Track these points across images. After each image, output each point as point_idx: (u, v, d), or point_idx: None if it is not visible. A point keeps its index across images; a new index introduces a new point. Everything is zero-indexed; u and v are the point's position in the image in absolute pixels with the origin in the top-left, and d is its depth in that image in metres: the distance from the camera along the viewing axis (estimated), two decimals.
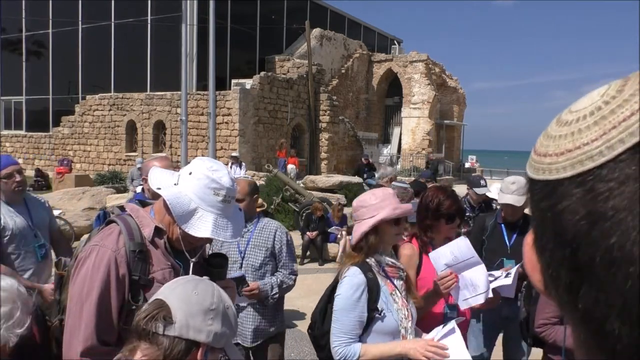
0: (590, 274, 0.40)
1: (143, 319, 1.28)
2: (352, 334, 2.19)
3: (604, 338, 0.40)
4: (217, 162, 1.82)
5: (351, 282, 2.22)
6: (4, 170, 3.21)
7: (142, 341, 1.27)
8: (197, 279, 1.42)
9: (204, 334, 1.27)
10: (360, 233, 2.26)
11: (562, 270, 0.43)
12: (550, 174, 0.44)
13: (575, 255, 0.41)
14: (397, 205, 2.28)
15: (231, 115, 18.87)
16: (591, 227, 0.39)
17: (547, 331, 2.58)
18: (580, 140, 0.42)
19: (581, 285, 0.41)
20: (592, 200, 0.40)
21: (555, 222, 0.42)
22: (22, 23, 25.08)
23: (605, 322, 0.39)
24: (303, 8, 25.40)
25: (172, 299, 1.29)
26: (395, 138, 28.02)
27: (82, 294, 1.65)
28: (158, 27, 21.23)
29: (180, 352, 1.25)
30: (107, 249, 1.70)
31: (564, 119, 0.45)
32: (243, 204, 3.20)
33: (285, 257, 3.26)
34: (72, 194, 12.57)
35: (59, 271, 1.90)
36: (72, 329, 1.65)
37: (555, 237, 0.43)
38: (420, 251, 2.74)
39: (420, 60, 26.80)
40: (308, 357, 5.03)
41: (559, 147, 0.44)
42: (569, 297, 0.42)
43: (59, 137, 23.32)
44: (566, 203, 0.41)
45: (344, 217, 9.92)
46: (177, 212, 1.68)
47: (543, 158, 0.45)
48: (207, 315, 1.29)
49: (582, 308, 0.41)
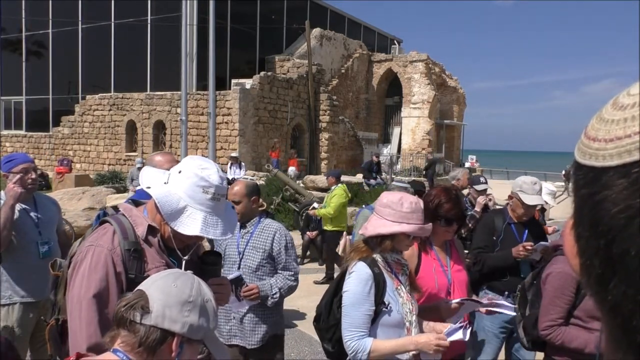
0: (621, 267, 0.39)
1: (123, 307, 1.33)
2: (362, 328, 2.23)
3: (631, 333, 0.39)
4: (208, 160, 1.82)
5: (359, 277, 2.25)
6: (21, 166, 3.27)
7: (121, 329, 1.33)
8: (179, 272, 1.48)
9: (179, 324, 1.32)
10: (377, 232, 2.28)
11: (595, 260, 0.41)
12: (596, 160, 0.41)
13: (609, 247, 0.39)
14: (422, 225, 2.30)
15: (231, 115, 18.87)
16: (629, 221, 0.38)
17: (553, 333, 2.54)
18: (632, 129, 0.39)
19: (612, 278, 0.40)
20: (634, 193, 0.38)
21: (594, 211, 0.41)
22: (22, 23, 25.08)
23: (632, 317, 0.39)
24: (303, 8, 25.40)
25: (151, 290, 1.35)
26: (395, 138, 28.02)
27: (81, 294, 1.66)
28: (158, 27, 21.22)
29: (155, 340, 1.30)
30: (103, 248, 1.70)
31: (621, 102, 0.42)
32: (240, 206, 3.18)
33: (285, 258, 3.23)
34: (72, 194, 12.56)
35: (54, 272, 1.89)
36: (75, 330, 1.66)
37: (591, 226, 0.41)
38: (419, 251, 2.73)
39: (420, 60, 26.80)
40: (308, 357, 5.02)
41: (609, 133, 0.41)
42: (599, 287, 0.41)
43: (59, 137, 23.33)
44: (607, 193, 0.40)
45: None
46: (165, 210, 1.68)
47: (592, 142, 0.42)
48: (184, 307, 1.33)
49: (610, 300, 0.40)
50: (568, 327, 2.53)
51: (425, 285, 2.64)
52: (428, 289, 2.65)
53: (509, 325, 3.62)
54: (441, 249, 2.81)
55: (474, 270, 3.71)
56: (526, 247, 3.38)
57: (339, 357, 2.37)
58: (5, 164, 3.30)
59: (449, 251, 2.84)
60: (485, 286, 3.71)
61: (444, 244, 2.83)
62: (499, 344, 3.70)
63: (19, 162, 3.29)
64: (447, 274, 2.75)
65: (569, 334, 2.51)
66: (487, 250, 3.65)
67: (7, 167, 3.27)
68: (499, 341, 3.69)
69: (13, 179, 3.22)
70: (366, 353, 2.19)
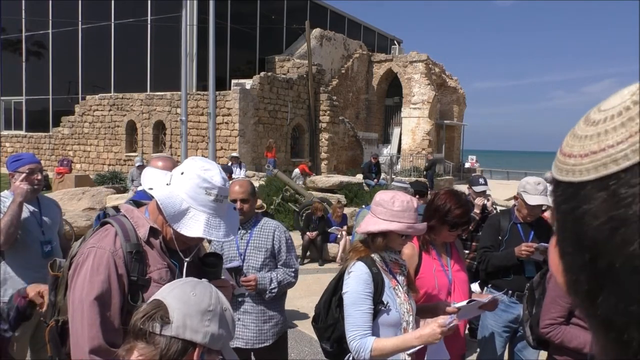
0: (609, 281, 0.39)
1: (140, 318, 1.28)
2: (365, 327, 2.23)
3: (624, 347, 0.39)
4: (210, 161, 1.81)
5: (358, 277, 2.26)
6: (28, 166, 3.29)
7: (138, 341, 1.27)
8: (195, 280, 1.42)
9: (201, 334, 1.27)
10: (367, 230, 2.32)
11: (581, 275, 0.41)
12: (573, 176, 0.42)
13: (595, 261, 0.39)
14: (412, 224, 2.30)
15: (231, 115, 18.87)
16: (612, 233, 0.38)
17: (553, 332, 2.56)
18: (605, 142, 0.40)
19: (600, 292, 0.39)
20: (614, 205, 0.38)
21: (576, 226, 0.41)
22: (22, 23, 25.08)
23: (624, 331, 0.38)
24: (303, 8, 25.40)
25: (170, 300, 1.30)
26: (395, 138, 28.01)
27: (83, 296, 1.65)
28: (158, 27, 21.22)
29: (177, 352, 1.25)
30: (105, 250, 1.69)
31: (592, 118, 0.43)
32: (247, 205, 3.19)
33: (285, 255, 3.25)
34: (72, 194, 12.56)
35: (53, 272, 1.88)
36: (76, 332, 1.64)
37: (575, 241, 0.41)
38: (420, 250, 2.74)
39: (420, 60, 26.79)
40: (308, 357, 5.02)
41: (583, 148, 0.42)
42: (588, 303, 0.41)
43: (59, 137, 23.33)
44: (588, 207, 0.40)
45: (344, 217, 9.91)
46: (168, 212, 1.68)
47: (568, 159, 0.43)
48: (204, 316, 1.29)
49: (601, 315, 0.40)
50: (569, 326, 2.54)
51: (425, 285, 2.65)
52: (428, 289, 2.66)
53: (513, 325, 3.64)
54: (442, 249, 2.82)
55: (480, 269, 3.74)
56: (528, 247, 3.41)
57: (337, 357, 2.38)
58: (12, 162, 3.32)
59: (449, 251, 2.85)
60: (490, 285, 3.76)
61: (445, 244, 2.84)
62: (502, 343, 3.71)
63: (26, 162, 3.31)
64: (448, 274, 2.76)
65: (569, 333, 2.52)
66: (492, 249, 3.69)
67: (14, 167, 3.30)
68: (503, 340, 3.71)
69: (20, 178, 3.24)
70: (368, 351, 2.20)
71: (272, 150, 18.82)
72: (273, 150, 18.92)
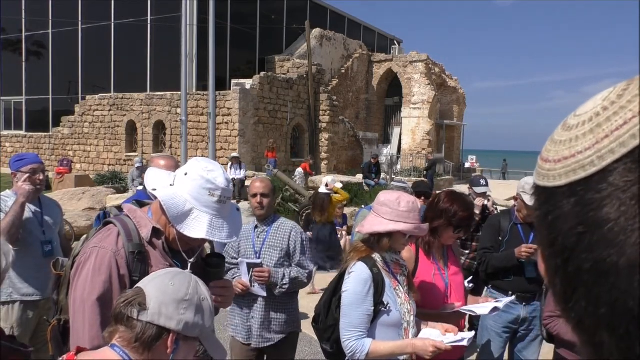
0: (579, 284, 0.40)
1: (121, 303, 1.38)
2: (361, 328, 2.23)
3: (597, 349, 0.40)
4: (213, 162, 1.81)
5: (358, 278, 2.26)
6: (30, 166, 3.31)
7: (119, 325, 1.37)
8: (177, 271, 1.51)
9: (175, 321, 1.35)
10: (373, 230, 2.30)
11: (556, 278, 0.43)
12: (548, 181, 0.43)
13: (566, 265, 0.40)
14: (418, 225, 2.32)
15: (231, 115, 18.87)
16: (580, 238, 0.39)
17: (551, 323, 2.61)
18: (575, 148, 0.41)
19: (572, 295, 0.40)
20: (582, 210, 0.39)
21: (549, 230, 0.42)
22: (22, 23, 25.08)
23: (595, 333, 0.39)
24: (303, 8, 25.39)
25: (149, 288, 1.38)
26: (395, 138, 28.01)
27: (84, 296, 1.65)
28: (158, 27, 21.22)
29: (152, 337, 1.34)
30: (107, 250, 1.69)
31: (568, 123, 0.44)
32: (267, 200, 3.24)
33: (300, 256, 3.28)
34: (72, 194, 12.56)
35: (56, 271, 1.89)
36: (77, 331, 1.65)
37: (549, 245, 0.43)
38: (417, 254, 2.73)
39: (420, 60, 26.79)
40: (308, 357, 5.02)
41: (557, 154, 0.43)
42: (564, 305, 0.42)
43: (59, 137, 23.32)
44: (558, 212, 0.41)
45: (344, 217, 9.90)
46: (172, 213, 1.68)
47: (544, 163, 0.44)
48: (180, 305, 1.37)
49: (575, 318, 0.41)
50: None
51: (422, 289, 2.64)
52: (426, 292, 2.65)
53: (513, 325, 3.64)
54: (438, 251, 2.80)
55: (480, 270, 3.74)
56: (528, 248, 3.42)
57: (337, 357, 2.38)
58: (15, 162, 3.34)
59: (445, 254, 2.83)
60: (490, 286, 3.75)
61: (442, 247, 2.82)
62: (502, 344, 3.71)
63: (29, 162, 3.33)
64: (445, 277, 2.74)
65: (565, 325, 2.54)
66: (492, 250, 3.68)
67: (17, 166, 3.31)
68: (503, 341, 3.71)
69: (22, 178, 3.25)
70: (364, 353, 2.20)
71: (273, 150, 18.82)
72: (274, 150, 18.91)
